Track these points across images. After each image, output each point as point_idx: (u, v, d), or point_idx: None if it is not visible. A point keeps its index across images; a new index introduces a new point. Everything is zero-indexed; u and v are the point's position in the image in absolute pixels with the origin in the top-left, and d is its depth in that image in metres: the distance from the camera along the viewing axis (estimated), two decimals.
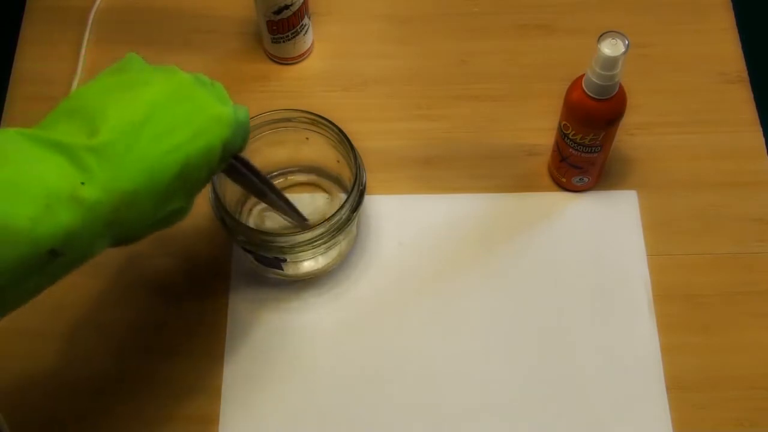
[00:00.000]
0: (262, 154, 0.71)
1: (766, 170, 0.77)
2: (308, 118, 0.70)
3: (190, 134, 0.51)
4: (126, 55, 0.54)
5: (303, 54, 0.83)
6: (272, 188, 0.66)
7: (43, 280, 0.48)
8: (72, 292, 0.73)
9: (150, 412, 0.69)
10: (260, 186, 0.64)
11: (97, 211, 0.47)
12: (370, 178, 0.70)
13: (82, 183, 0.46)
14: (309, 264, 0.71)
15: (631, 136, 0.79)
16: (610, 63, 0.62)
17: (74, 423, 0.68)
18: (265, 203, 0.68)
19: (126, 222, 0.49)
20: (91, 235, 0.48)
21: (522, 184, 0.77)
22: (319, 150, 0.72)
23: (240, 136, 0.55)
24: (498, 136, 0.80)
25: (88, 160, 0.47)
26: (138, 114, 0.49)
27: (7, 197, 0.44)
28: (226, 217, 0.66)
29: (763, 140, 0.79)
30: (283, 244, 0.66)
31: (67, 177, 0.46)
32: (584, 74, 0.66)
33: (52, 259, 0.46)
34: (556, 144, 0.73)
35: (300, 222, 0.70)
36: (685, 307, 0.72)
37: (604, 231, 0.75)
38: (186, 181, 0.51)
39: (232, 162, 0.59)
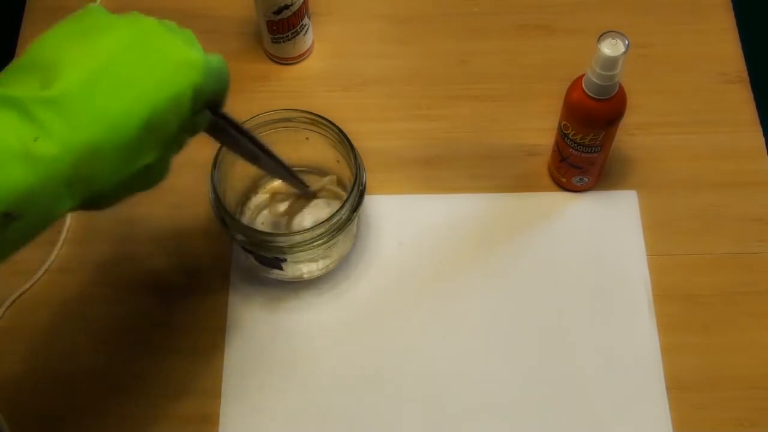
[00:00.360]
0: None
1: (766, 170, 0.77)
2: (308, 118, 0.70)
3: (154, 82, 0.47)
4: (85, 6, 0.50)
5: (303, 54, 0.83)
6: (265, 150, 0.62)
7: (2, 246, 0.44)
8: (72, 291, 0.73)
9: (150, 411, 0.69)
10: (250, 147, 0.61)
11: (54, 168, 0.44)
12: (370, 178, 0.70)
13: (36, 138, 0.43)
14: (309, 264, 0.71)
15: (631, 136, 0.79)
16: (610, 63, 0.62)
17: (73, 422, 0.68)
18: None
19: (90, 179, 0.46)
20: (50, 195, 0.44)
21: (522, 184, 0.77)
22: (319, 150, 0.72)
23: (214, 82, 0.51)
24: (498, 136, 0.80)
25: (42, 114, 0.44)
26: (96, 62, 0.46)
27: None
28: (226, 217, 0.66)
29: (763, 140, 0.79)
30: (283, 244, 0.66)
31: (18, 132, 0.43)
32: (584, 74, 0.66)
33: (8, 222, 0.43)
34: (556, 144, 0.73)
35: (300, 187, 0.68)
36: (685, 307, 0.72)
37: (604, 231, 0.75)
38: (154, 133, 0.47)
39: (213, 119, 0.54)
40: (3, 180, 0.42)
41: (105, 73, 0.46)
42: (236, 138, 0.59)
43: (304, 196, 0.72)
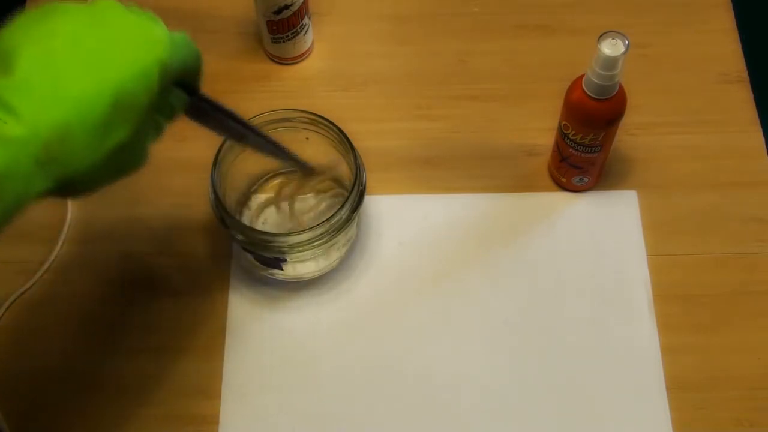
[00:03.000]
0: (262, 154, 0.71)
1: (766, 170, 0.77)
2: (308, 118, 0.70)
3: (118, 58, 0.47)
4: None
5: (303, 54, 0.83)
6: (250, 128, 0.61)
7: None
8: (72, 291, 0.73)
9: (150, 411, 0.69)
10: (235, 127, 0.60)
11: (24, 149, 0.44)
12: (370, 178, 0.70)
13: (5, 122, 0.43)
14: (309, 264, 0.71)
15: (631, 136, 0.79)
16: (610, 63, 0.62)
17: (73, 422, 0.68)
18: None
19: (63, 160, 0.46)
20: (22, 176, 0.44)
21: (522, 184, 0.77)
22: (319, 150, 0.72)
23: (181, 57, 0.51)
24: (498, 136, 0.80)
25: (9, 98, 0.44)
26: (58, 42, 0.46)
27: None
28: (226, 217, 0.66)
29: (763, 140, 0.79)
30: (282, 244, 0.66)
31: None
32: (584, 74, 0.66)
33: None
34: (556, 144, 0.73)
35: (296, 165, 0.67)
36: (685, 307, 0.72)
37: (604, 231, 0.75)
38: (124, 111, 0.47)
39: (192, 101, 0.54)
40: None
41: (66, 52, 0.46)
42: (219, 119, 0.58)
43: (304, 174, 0.70)
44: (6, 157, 0.43)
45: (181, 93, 0.53)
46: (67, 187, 0.47)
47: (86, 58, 0.46)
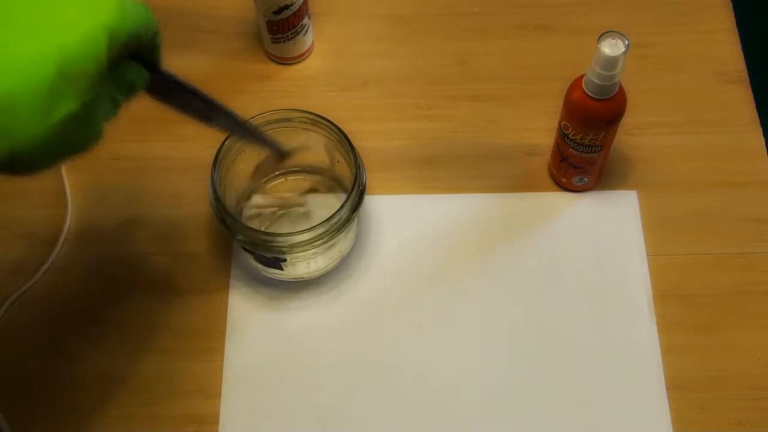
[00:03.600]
0: (262, 154, 0.71)
1: (766, 170, 0.77)
2: (308, 118, 0.70)
3: (60, 25, 0.45)
4: None
5: (303, 54, 0.84)
6: (218, 107, 0.59)
7: None
8: (71, 290, 0.73)
9: (150, 411, 0.69)
10: (201, 106, 0.57)
11: None
12: (370, 178, 0.70)
13: None
14: (309, 264, 0.71)
15: (631, 136, 0.79)
16: (610, 63, 0.62)
17: (73, 422, 0.68)
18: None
19: (7, 132, 0.44)
20: None
21: (522, 184, 0.77)
22: (319, 150, 0.72)
23: (131, 24, 0.48)
24: (498, 136, 0.80)
25: None
26: None
27: None
28: (226, 217, 0.66)
29: (763, 140, 0.79)
30: (283, 244, 0.66)
31: None
32: (584, 74, 0.66)
33: None
34: (556, 144, 0.73)
35: (268, 146, 0.66)
36: (685, 307, 0.72)
37: (604, 231, 0.75)
38: (71, 80, 0.45)
39: (152, 77, 0.52)
40: None
41: (6, 16, 0.44)
42: (183, 98, 0.56)
43: (276, 157, 0.68)
44: None
45: (140, 68, 0.50)
46: (14, 163, 0.45)
47: (27, 22, 0.44)
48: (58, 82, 0.44)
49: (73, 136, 0.47)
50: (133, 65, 0.50)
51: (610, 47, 0.62)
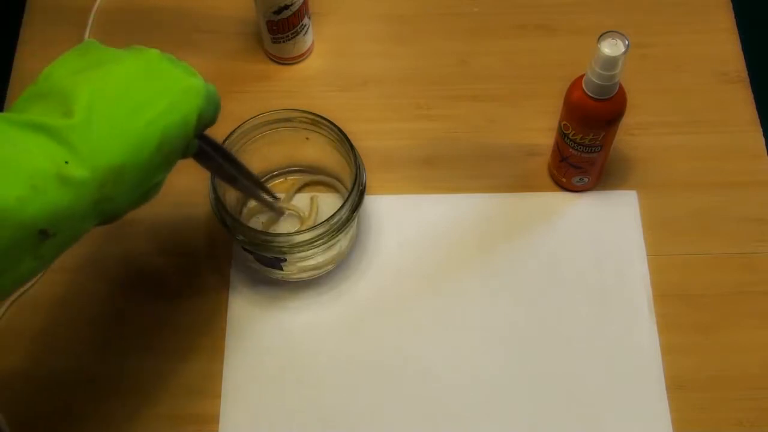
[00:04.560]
0: (262, 154, 0.71)
1: (766, 170, 0.77)
2: (308, 118, 0.70)
3: (166, 106, 0.51)
4: (85, 41, 0.55)
5: (303, 54, 0.83)
6: (244, 172, 0.65)
7: (36, 263, 0.48)
8: (71, 290, 0.73)
9: (150, 411, 0.69)
10: (230, 171, 0.64)
11: (84, 188, 0.47)
12: (370, 178, 0.70)
13: (66, 162, 0.46)
14: (309, 264, 0.71)
15: (631, 136, 0.79)
16: (610, 63, 0.62)
17: (73, 422, 0.68)
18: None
19: (113, 198, 0.49)
20: (79, 213, 0.48)
21: (522, 184, 0.77)
22: (318, 150, 0.72)
23: (213, 107, 0.55)
24: (498, 136, 0.80)
25: (71, 138, 0.47)
26: (113, 89, 0.50)
27: None
28: (226, 217, 0.66)
29: (763, 140, 0.79)
30: (283, 244, 0.66)
31: (51, 156, 0.46)
32: (584, 74, 0.66)
33: (43, 239, 0.46)
34: (556, 144, 0.73)
35: (270, 206, 0.71)
36: (685, 307, 0.72)
37: (604, 231, 0.75)
38: (166, 154, 0.52)
39: (200, 145, 0.58)
40: (41, 200, 0.45)
41: (122, 99, 0.50)
42: (219, 162, 0.62)
43: (274, 213, 0.74)
44: (66, 195, 0.47)
45: (194, 139, 0.56)
46: (106, 220, 0.51)
47: (139, 104, 0.50)
48: (156, 157, 0.51)
49: (148, 196, 0.54)
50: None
51: (610, 47, 0.62)
